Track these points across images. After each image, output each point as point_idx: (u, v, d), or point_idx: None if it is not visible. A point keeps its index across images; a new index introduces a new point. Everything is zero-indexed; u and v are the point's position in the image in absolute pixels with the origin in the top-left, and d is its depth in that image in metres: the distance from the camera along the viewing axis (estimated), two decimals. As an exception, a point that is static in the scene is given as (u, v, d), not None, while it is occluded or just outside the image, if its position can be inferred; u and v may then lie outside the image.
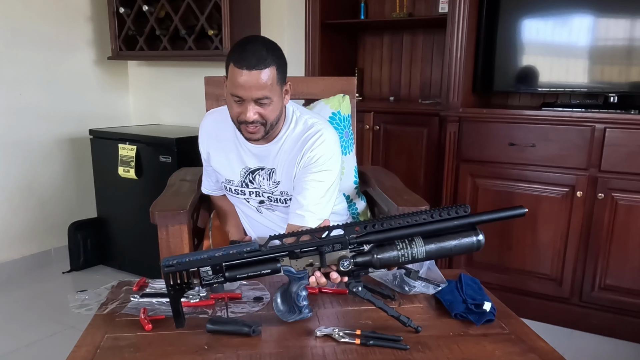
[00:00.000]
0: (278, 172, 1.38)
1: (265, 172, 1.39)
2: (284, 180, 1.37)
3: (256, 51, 1.19)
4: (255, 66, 1.18)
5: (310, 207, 1.30)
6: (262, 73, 1.19)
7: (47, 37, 2.89)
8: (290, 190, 1.37)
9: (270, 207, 1.44)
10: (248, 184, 1.42)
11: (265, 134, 1.29)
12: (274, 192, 1.40)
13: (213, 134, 1.46)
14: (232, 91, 1.22)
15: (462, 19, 2.24)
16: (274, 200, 1.41)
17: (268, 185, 1.40)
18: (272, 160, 1.37)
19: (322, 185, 1.32)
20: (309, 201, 1.31)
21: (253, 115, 1.23)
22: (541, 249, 2.24)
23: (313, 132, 1.34)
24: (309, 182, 1.32)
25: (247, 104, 1.22)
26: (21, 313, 2.43)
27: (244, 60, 1.18)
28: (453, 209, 0.95)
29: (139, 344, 0.94)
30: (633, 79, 2.18)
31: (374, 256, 0.96)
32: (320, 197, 1.32)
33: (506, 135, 2.23)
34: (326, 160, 1.33)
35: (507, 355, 0.91)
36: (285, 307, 0.98)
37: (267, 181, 1.39)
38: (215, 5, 2.70)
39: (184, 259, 0.95)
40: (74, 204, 3.11)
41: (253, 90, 1.20)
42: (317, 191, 1.32)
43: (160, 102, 3.34)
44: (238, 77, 1.19)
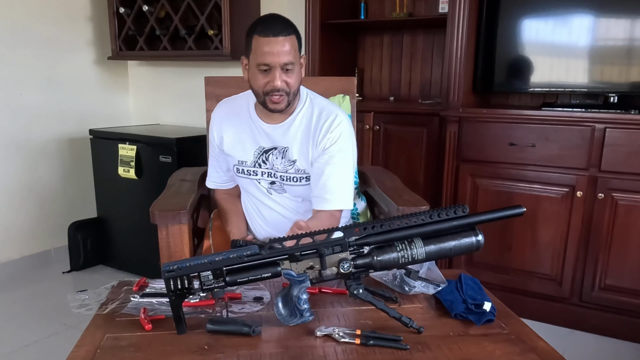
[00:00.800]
0: (292, 150, 1.40)
1: (279, 152, 1.41)
2: (300, 158, 1.40)
3: (279, 21, 1.30)
4: (281, 33, 1.26)
5: (335, 190, 1.36)
6: (287, 39, 1.27)
7: (47, 37, 2.89)
8: (307, 168, 1.40)
9: (281, 189, 1.45)
10: (261, 164, 1.44)
11: (288, 104, 1.34)
12: (288, 170, 1.41)
13: (226, 117, 1.49)
14: (260, 60, 1.27)
15: (462, 19, 2.24)
16: (286, 179, 1.42)
17: (282, 164, 1.41)
18: (285, 139, 1.41)
19: (343, 167, 1.38)
20: (333, 184, 1.36)
21: (280, 83, 1.29)
22: (541, 249, 2.24)
23: (328, 114, 1.39)
24: (331, 165, 1.36)
25: (274, 71, 1.28)
26: (21, 313, 2.43)
27: (270, 29, 1.26)
28: (452, 209, 0.95)
29: (139, 344, 0.94)
30: (633, 79, 2.18)
31: (373, 258, 0.96)
32: (343, 179, 1.38)
33: (506, 135, 2.23)
34: (345, 142, 1.38)
35: (507, 355, 0.91)
36: (287, 310, 0.98)
37: (281, 160, 1.41)
38: (215, 5, 2.70)
39: (185, 264, 0.95)
40: (74, 204, 3.11)
41: (280, 56, 1.27)
42: (339, 174, 1.37)
43: (160, 102, 3.34)
44: (265, 46, 1.26)
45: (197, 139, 2.63)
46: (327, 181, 1.36)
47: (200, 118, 2.08)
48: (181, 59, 3.09)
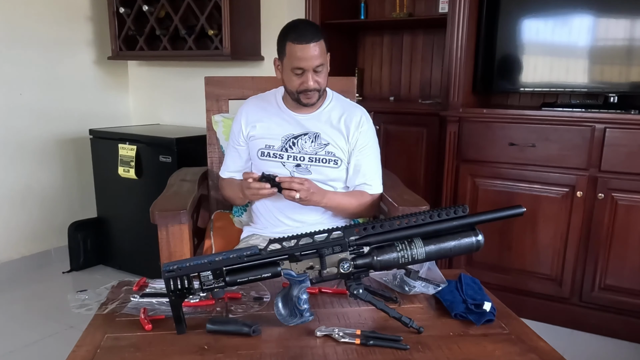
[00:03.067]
0: (324, 136, 1.53)
1: (309, 137, 1.53)
2: (332, 144, 1.53)
3: (309, 28, 1.43)
4: (312, 39, 1.40)
5: (374, 177, 1.58)
6: (318, 45, 1.41)
7: (47, 37, 2.89)
8: (337, 153, 1.53)
9: (306, 170, 1.53)
10: (288, 148, 1.53)
11: (319, 98, 1.51)
12: (318, 152, 1.53)
13: (256, 109, 1.60)
14: (294, 65, 1.42)
15: (462, 19, 2.24)
16: (315, 160, 1.53)
17: (312, 147, 1.53)
18: (317, 126, 1.54)
19: (376, 156, 1.60)
20: (372, 173, 1.57)
21: (313, 83, 1.45)
22: (541, 249, 2.24)
23: (354, 112, 1.57)
24: (366, 157, 1.56)
25: (307, 74, 1.43)
26: (21, 313, 2.43)
27: (303, 37, 1.40)
28: (452, 209, 0.95)
29: (139, 344, 0.94)
30: (633, 79, 2.18)
31: (373, 258, 0.96)
32: (377, 167, 1.60)
33: (506, 135, 2.23)
34: (372, 134, 1.59)
35: (507, 355, 0.91)
36: (287, 311, 0.98)
37: (312, 143, 1.53)
38: (215, 5, 2.70)
39: (185, 264, 0.95)
40: (74, 204, 3.11)
41: (313, 60, 1.41)
42: (374, 163, 1.59)
43: (160, 102, 3.34)
44: (298, 52, 1.40)
45: (197, 139, 2.63)
46: (366, 172, 1.56)
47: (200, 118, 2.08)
48: (181, 59, 3.09)
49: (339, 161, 1.54)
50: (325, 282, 1.00)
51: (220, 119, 1.80)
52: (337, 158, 1.54)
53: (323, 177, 1.53)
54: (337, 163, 1.54)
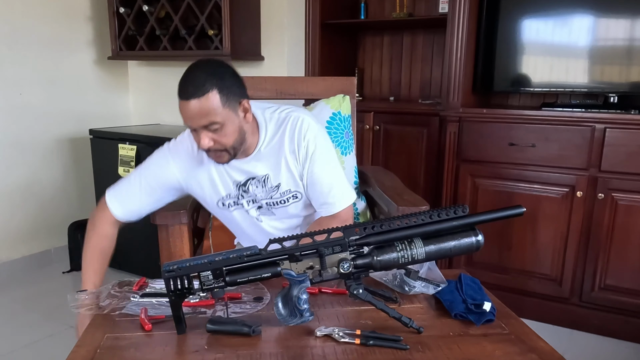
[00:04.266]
0: (273, 176, 1.36)
1: (258, 181, 1.36)
2: (284, 180, 1.36)
3: (195, 79, 1.17)
4: (193, 95, 1.16)
5: (336, 191, 1.35)
6: (201, 100, 1.16)
7: (47, 37, 2.89)
8: (294, 187, 1.37)
9: (270, 213, 1.40)
10: (243, 194, 1.38)
11: (233, 156, 1.27)
12: (273, 196, 1.37)
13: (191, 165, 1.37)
14: (183, 120, 1.21)
15: (462, 19, 2.24)
16: (272, 204, 1.38)
17: (264, 192, 1.37)
18: (260, 169, 1.35)
19: (331, 165, 1.37)
20: (331, 186, 1.35)
21: (207, 142, 1.21)
22: (541, 249, 2.24)
23: (293, 123, 1.34)
24: (320, 169, 1.34)
25: (198, 132, 1.20)
26: (21, 313, 2.43)
27: (183, 91, 1.17)
28: (452, 209, 0.95)
29: (139, 344, 0.94)
30: (633, 79, 2.18)
31: (373, 258, 0.96)
32: (336, 176, 1.37)
33: (506, 135, 2.23)
34: (320, 139, 1.35)
35: (507, 355, 0.91)
36: (287, 310, 0.98)
37: (263, 188, 1.37)
38: (215, 5, 2.70)
39: (185, 264, 0.95)
40: (74, 204, 3.11)
41: (197, 119, 1.18)
42: (331, 173, 1.36)
43: (160, 102, 3.34)
44: (181, 108, 1.19)
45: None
46: (324, 186, 1.34)
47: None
48: (181, 59, 3.09)
49: (299, 194, 1.38)
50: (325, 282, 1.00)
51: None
52: (295, 192, 1.37)
53: (290, 214, 1.41)
54: (298, 197, 1.38)
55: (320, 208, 1.37)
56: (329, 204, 1.35)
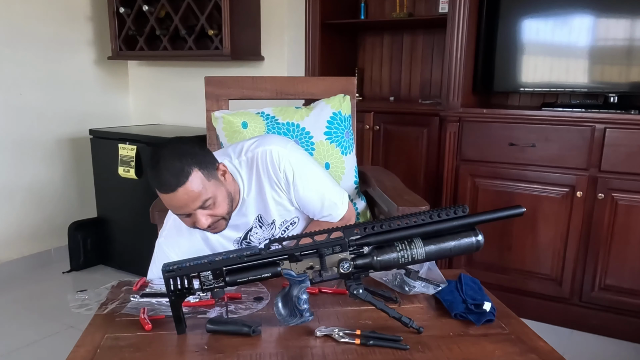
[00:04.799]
0: (265, 215, 1.35)
1: (255, 226, 1.35)
2: (276, 215, 1.35)
3: (170, 168, 1.11)
4: (177, 184, 1.11)
5: (328, 204, 1.36)
6: (187, 186, 1.12)
7: (47, 37, 2.89)
8: (289, 216, 1.37)
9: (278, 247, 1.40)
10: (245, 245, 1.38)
11: (229, 220, 1.25)
12: (274, 233, 1.38)
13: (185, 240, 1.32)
14: (174, 211, 1.18)
15: (462, 19, 2.24)
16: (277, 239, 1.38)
17: (265, 232, 1.37)
18: (252, 213, 1.33)
19: (314, 180, 1.34)
20: (321, 201, 1.35)
21: (206, 220, 1.17)
22: (541, 249, 2.24)
23: (262, 159, 1.29)
24: (305, 191, 1.32)
25: (194, 215, 1.16)
26: (21, 313, 2.43)
27: (164, 185, 1.11)
28: (452, 209, 0.95)
29: (139, 344, 0.94)
30: (633, 79, 2.18)
31: (373, 258, 0.96)
32: (324, 189, 1.36)
33: (506, 135, 2.23)
34: (294, 162, 1.31)
35: (507, 355, 0.91)
36: (287, 310, 0.98)
37: (262, 229, 1.36)
38: (215, 5, 2.70)
39: (185, 264, 0.95)
40: (74, 204, 3.11)
41: (190, 205, 1.14)
42: (318, 189, 1.34)
43: (160, 102, 3.34)
44: (168, 201, 1.14)
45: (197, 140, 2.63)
46: (316, 204, 1.34)
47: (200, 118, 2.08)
48: (181, 59, 3.09)
49: (296, 219, 1.39)
50: (325, 282, 1.00)
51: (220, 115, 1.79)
52: (292, 219, 1.38)
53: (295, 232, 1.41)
54: (296, 221, 1.39)
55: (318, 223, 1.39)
56: (326, 216, 1.38)
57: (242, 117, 1.75)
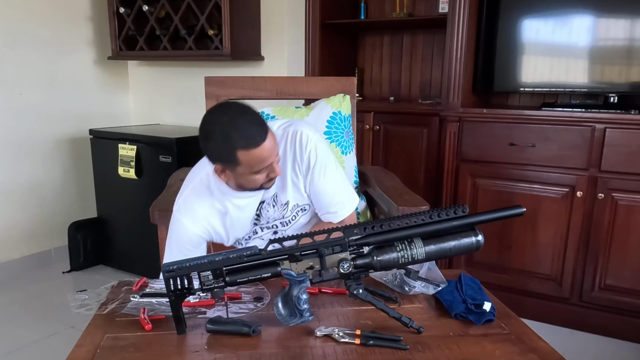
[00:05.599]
0: (281, 194, 1.36)
1: (268, 203, 1.36)
2: (291, 196, 1.36)
3: (252, 124, 1.16)
4: (262, 137, 1.15)
5: (337, 200, 1.37)
6: (268, 137, 1.17)
7: (47, 37, 2.89)
8: (302, 201, 1.37)
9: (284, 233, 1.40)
10: (256, 222, 1.39)
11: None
12: (285, 215, 1.38)
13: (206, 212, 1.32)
14: (256, 169, 1.18)
15: (462, 19, 2.24)
16: (285, 223, 1.39)
17: (277, 212, 1.37)
18: (268, 191, 1.34)
19: (332, 173, 1.36)
20: (333, 196, 1.36)
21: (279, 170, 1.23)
22: (541, 249, 2.24)
23: (292, 137, 1.33)
24: (321, 181, 1.34)
25: (271, 166, 1.21)
26: (21, 313, 2.43)
27: (254, 137, 1.14)
28: (452, 209, 0.95)
29: (139, 344, 0.94)
30: (633, 79, 2.18)
31: (373, 258, 0.96)
32: (339, 184, 1.38)
33: (506, 135, 2.23)
34: (320, 148, 1.34)
35: (507, 355, 0.91)
36: (287, 310, 0.98)
37: (274, 208, 1.37)
38: (215, 5, 2.70)
39: (185, 264, 0.95)
40: (74, 204, 3.11)
41: (272, 154, 1.19)
42: (333, 182, 1.36)
43: (160, 102, 3.34)
44: (254, 157, 1.15)
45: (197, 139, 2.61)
46: (327, 197, 1.36)
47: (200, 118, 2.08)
48: (181, 59, 3.09)
49: (306, 206, 1.39)
50: (325, 282, 1.00)
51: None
52: (303, 205, 1.39)
53: (300, 226, 1.42)
54: (305, 209, 1.40)
55: (325, 217, 1.39)
56: (332, 213, 1.37)
57: (242, 117, 1.74)
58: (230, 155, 1.16)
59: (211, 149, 1.21)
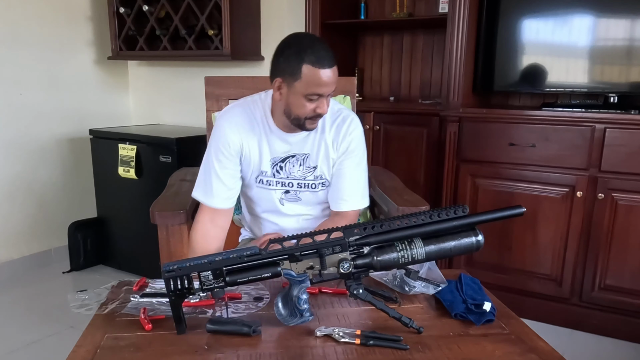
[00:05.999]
0: (313, 157, 1.41)
1: (297, 159, 1.40)
2: (321, 164, 1.41)
3: (327, 49, 1.25)
4: (332, 63, 1.25)
5: (354, 192, 1.42)
6: (334, 69, 1.26)
7: (47, 37, 2.89)
8: (325, 174, 1.42)
9: (295, 197, 1.43)
10: (275, 173, 1.41)
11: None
12: (307, 177, 1.42)
13: (245, 126, 1.39)
14: (312, 90, 1.25)
15: (462, 19, 2.24)
16: (303, 186, 1.42)
17: (300, 171, 1.41)
18: (304, 146, 1.40)
19: (361, 168, 1.44)
20: (352, 186, 1.42)
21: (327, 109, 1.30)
22: (541, 249, 2.24)
23: (345, 118, 1.41)
24: (350, 168, 1.41)
25: (323, 99, 1.28)
26: (21, 313, 2.43)
27: (324, 59, 1.23)
28: (452, 209, 0.95)
29: (139, 344, 0.94)
30: (633, 79, 2.18)
31: (373, 258, 0.96)
32: (361, 179, 1.44)
33: (506, 135, 2.23)
34: (360, 143, 1.43)
35: (507, 355, 0.91)
36: (287, 311, 0.98)
37: (300, 167, 1.41)
38: (215, 5, 2.70)
39: (185, 264, 0.95)
40: (74, 204, 3.11)
41: (330, 85, 1.26)
42: (358, 175, 1.43)
43: (160, 102, 3.34)
44: (318, 76, 1.23)
45: (197, 139, 2.64)
46: (346, 182, 1.41)
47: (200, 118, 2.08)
48: (181, 59, 3.09)
49: (327, 182, 1.43)
50: (325, 282, 1.00)
51: (221, 116, 1.80)
52: (326, 179, 1.43)
53: (312, 201, 1.45)
54: (326, 184, 1.43)
55: (334, 201, 1.43)
56: (343, 199, 1.41)
57: (242, 117, 1.74)
58: (296, 67, 1.24)
59: (280, 61, 1.27)
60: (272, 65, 1.30)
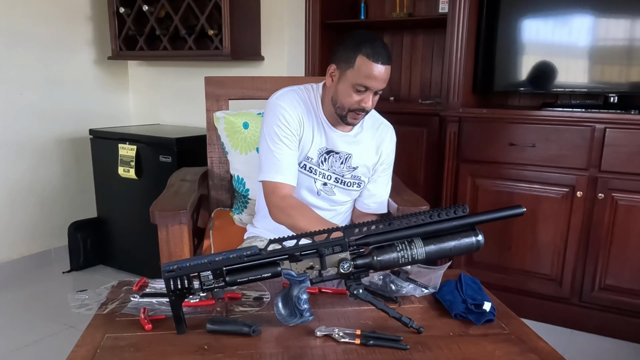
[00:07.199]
0: (355, 158, 1.46)
1: (340, 157, 1.45)
2: (361, 166, 1.47)
3: (385, 47, 1.31)
4: (388, 61, 1.31)
5: (382, 198, 1.53)
6: (388, 68, 1.32)
7: (47, 37, 2.89)
8: (364, 176, 1.49)
9: (330, 191, 1.48)
10: (320, 163, 1.45)
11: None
12: (345, 175, 1.46)
13: (304, 109, 1.43)
14: (361, 82, 1.30)
15: (462, 19, 2.24)
16: (340, 182, 1.47)
17: (341, 168, 1.46)
18: (347, 146, 1.45)
19: (389, 174, 1.55)
20: (382, 192, 1.53)
21: (371, 104, 1.36)
22: (541, 249, 2.24)
23: (385, 126, 1.53)
24: (384, 175, 1.52)
25: (369, 94, 1.34)
26: (21, 313, 2.43)
27: (380, 55, 1.28)
28: (452, 209, 0.95)
29: (139, 344, 0.94)
30: (633, 79, 2.18)
31: (374, 258, 0.96)
32: (388, 187, 1.55)
33: (506, 135, 2.23)
34: (394, 153, 1.55)
35: (507, 355, 0.91)
36: (287, 311, 0.98)
37: (342, 165, 1.46)
38: (215, 5, 2.70)
39: (185, 264, 0.95)
40: (74, 204, 3.11)
41: (381, 83, 1.32)
42: (387, 183, 1.54)
43: (160, 102, 3.34)
44: (371, 70, 1.29)
45: (197, 139, 2.63)
46: (377, 189, 1.52)
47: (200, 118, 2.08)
48: (181, 59, 3.09)
49: (362, 183, 1.50)
50: (325, 282, 1.00)
51: (222, 115, 1.80)
52: (362, 181, 1.49)
53: (344, 198, 1.50)
54: (360, 185, 1.50)
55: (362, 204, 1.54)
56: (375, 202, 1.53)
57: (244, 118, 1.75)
58: (352, 57, 1.30)
59: (340, 49, 1.34)
60: (332, 53, 1.37)
